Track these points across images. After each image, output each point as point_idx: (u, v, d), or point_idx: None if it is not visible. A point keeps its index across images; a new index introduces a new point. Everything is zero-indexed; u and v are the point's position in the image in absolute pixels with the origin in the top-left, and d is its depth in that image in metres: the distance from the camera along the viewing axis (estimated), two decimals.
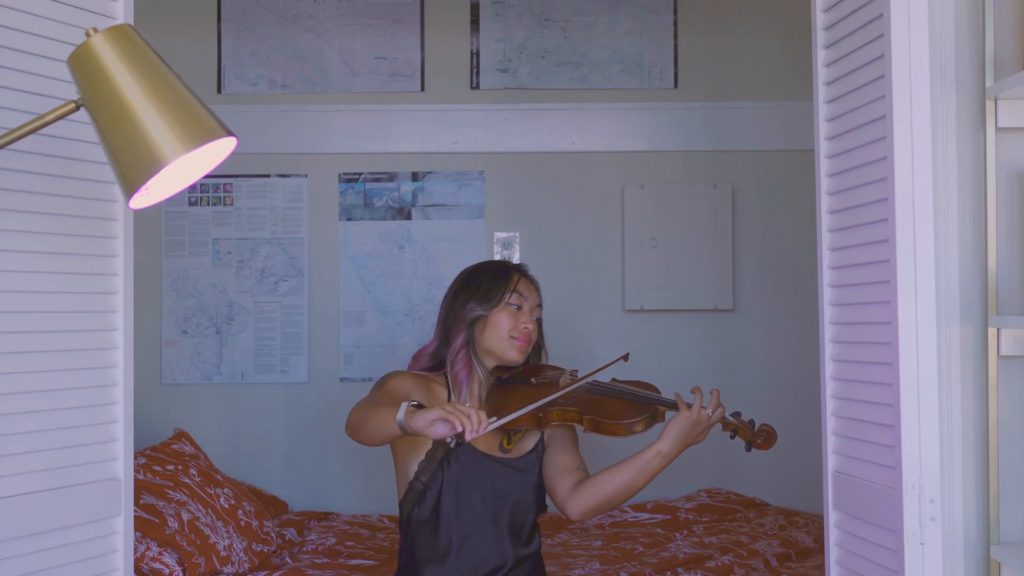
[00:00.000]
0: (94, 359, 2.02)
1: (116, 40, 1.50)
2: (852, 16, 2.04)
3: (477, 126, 4.01)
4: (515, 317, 2.50)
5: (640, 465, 2.38)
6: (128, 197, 1.50)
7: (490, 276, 2.56)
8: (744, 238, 4.01)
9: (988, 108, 2.01)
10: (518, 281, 2.54)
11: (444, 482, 2.42)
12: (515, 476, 2.47)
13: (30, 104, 1.88)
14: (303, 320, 3.97)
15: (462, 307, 2.52)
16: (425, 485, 2.43)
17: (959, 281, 2.02)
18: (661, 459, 2.37)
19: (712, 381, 3.95)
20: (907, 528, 1.86)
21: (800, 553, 3.18)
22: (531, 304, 2.53)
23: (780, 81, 3.99)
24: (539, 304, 2.57)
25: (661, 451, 2.37)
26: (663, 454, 2.37)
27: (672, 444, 2.36)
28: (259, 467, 3.89)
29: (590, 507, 2.42)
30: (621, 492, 2.40)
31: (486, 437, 2.43)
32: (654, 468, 2.38)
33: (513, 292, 2.52)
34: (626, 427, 2.37)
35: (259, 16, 4.01)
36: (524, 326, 2.50)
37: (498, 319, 2.50)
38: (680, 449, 2.37)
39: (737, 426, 2.44)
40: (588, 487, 2.43)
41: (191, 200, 3.98)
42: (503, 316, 2.50)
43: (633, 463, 2.39)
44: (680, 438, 2.36)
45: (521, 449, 2.51)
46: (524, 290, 2.54)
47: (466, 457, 2.43)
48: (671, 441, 2.36)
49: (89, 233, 2.01)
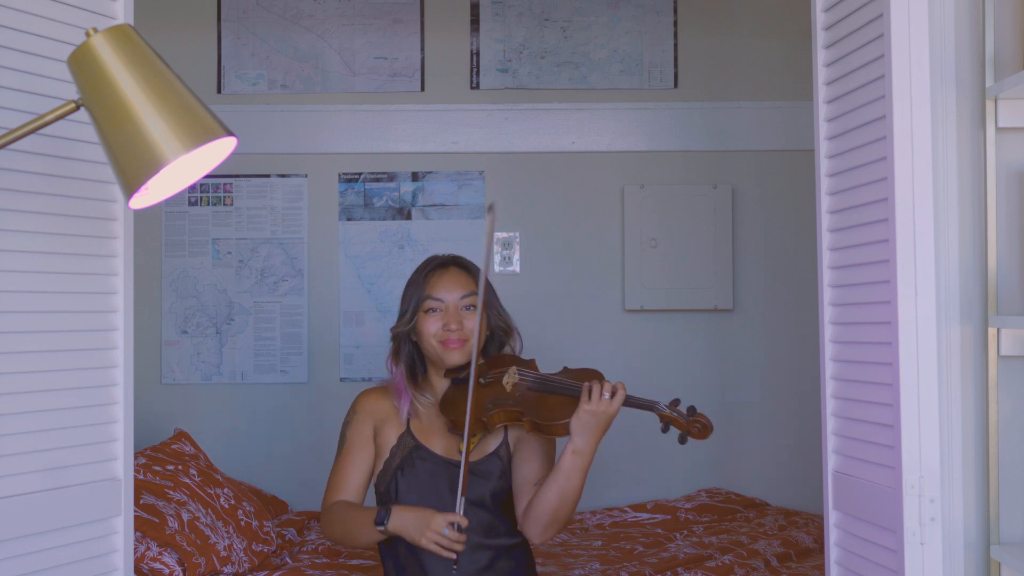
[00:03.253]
0: (94, 359, 2.02)
1: (116, 40, 1.50)
2: (852, 16, 2.04)
3: (477, 126, 4.01)
4: (438, 320, 2.41)
5: (564, 470, 2.27)
6: (128, 197, 1.50)
7: (409, 285, 2.48)
8: (744, 238, 4.01)
9: (988, 108, 2.01)
10: (430, 281, 2.43)
11: (400, 490, 2.38)
12: (474, 480, 2.36)
13: (30, 104, 1.88)
14: (303, 320, 3.97)
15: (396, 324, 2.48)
16: (383, 495, 2.40)
17: (959, 281, 2.02)
18: (580, 457, 2.26)
19: (712, 381, 3.97)
20: (907, 528, 1.86)
21: (800, 553, 3.18)
22: (454, 300, 2.42)
23: (780, 81, 3.99)
24: (470, 293, 2.42)
25: (575, 449, 2.26)
26: (578, 452, 2.25)
27: (583, 440, 2.25)
28: (259, 467, 3.89)
29: (542, 526, 2.33)
30: (562, 502, 2.29)
31: (444, 440, 2.41)
32: (578, 468, 2.27)
33: (426, 297, 2.42)
34: (563, 427, 2.28)
35: (259, 16, 4.01)
36: (448, 326, 2.40)
37: (421, 328, 2.42)
38: (594, 442, 2.26)
39: (671, 418, 2.28)
40: (532, 508, 2.33)
41: (191, 200, 3.98)
42: (424, 323, 2.41)
43: (557, 470, 2.29)
44: (587, 431, 2.24)
45: (482, 451, 2.41)
46: (440, 288, 2.42)
47: (422, 464, 2.38)
48: (579, 437, 2.25)
49: (89, 233, 2.01)
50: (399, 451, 2.42)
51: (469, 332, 2.40)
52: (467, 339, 2.41)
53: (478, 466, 2.39)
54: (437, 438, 2.43)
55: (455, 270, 2.46)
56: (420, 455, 2.39)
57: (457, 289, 2.43)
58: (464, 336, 2.40)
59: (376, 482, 2.44)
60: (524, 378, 2.38)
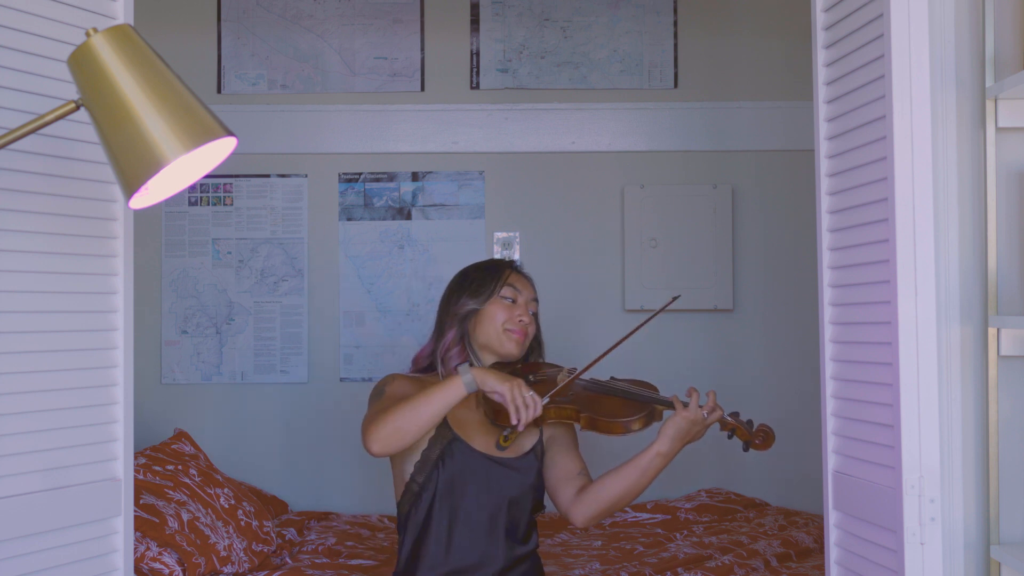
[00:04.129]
0: (94, 359, 2.02)
1: (116, 40, 1.50)
2: (852, 16, 2.04)
3: (477, 126, 4.01)
4: (509, 309, 2.52)
5: (641, 467, 2.39)
6: (128, 197, 1.50)
7: (482, 272, 2.58)
8: (744, 238, 4.02)
9: (988, 108, 2.01)
10: (510, 275, 2.57)
11: (440, 482, 2.41)
12: (512, 476, 2.44)
13: (30, 104, 1.88)
14: (303, 320, 3.97)
15: (455, 304, 2.55)
16: (421, 486, 2.42)
17: (959, 281, 2.03)
18: (661, 459, 2.39)
19: (712, 381, 3.96)
20: (907, 528, 1.86)
21: (800, 553, 3.18)
22: (526, 298, 2.56)
23: (780, 81, 3.99)
24: (535, 299, 2.59)
25: (660, 451, 2.38)
26: (662, 454, 2.38)
27: (670, 444, 2.38)
28: (259, 467, 3.89)
29: (594, 513, 2.44)
30: (625, 496, 2.41)
31: (483, 436, 2.45)
32: (655, 469, 2.40)
33: (505, 285, 2.54)
34: (623, 425, 2.38)
35: (259, 16, 4.01)
36: (519, 318, 2.51)
37: (492, 312, 2.52)
38: (678, 448, 2.39)
39: (735, 426, 2.45)
40: (591, 494, 2.43)
41: (191, 200, 3.98)
42: (496, 308, 2.52)
43: (634, 466, 2.41)
44: (678, 437, 2.38)
45: (519, 448, 2.48)
46: (518, 284, 2.56)
47: (462, 456, 2.41)
48: (669, 441, 2.37)
49: (89, 233, 2.01)
50: (437, 442, 2.42)
51: (531, 331, 2.55)
52: (528, 335, 2.54)
53: (516, 463, 2.46)
54: (474, 431, 2.46)
55: (527, 277, 2.62)
56: (459, 448, 2.42)
57: (530, 290, 2.59)
58: (528, 332, 2.53)
59: (415, 473, 2.43)
60: (579, 379, 2.50)
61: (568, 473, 2.49)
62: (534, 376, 2.50)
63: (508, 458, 2.45)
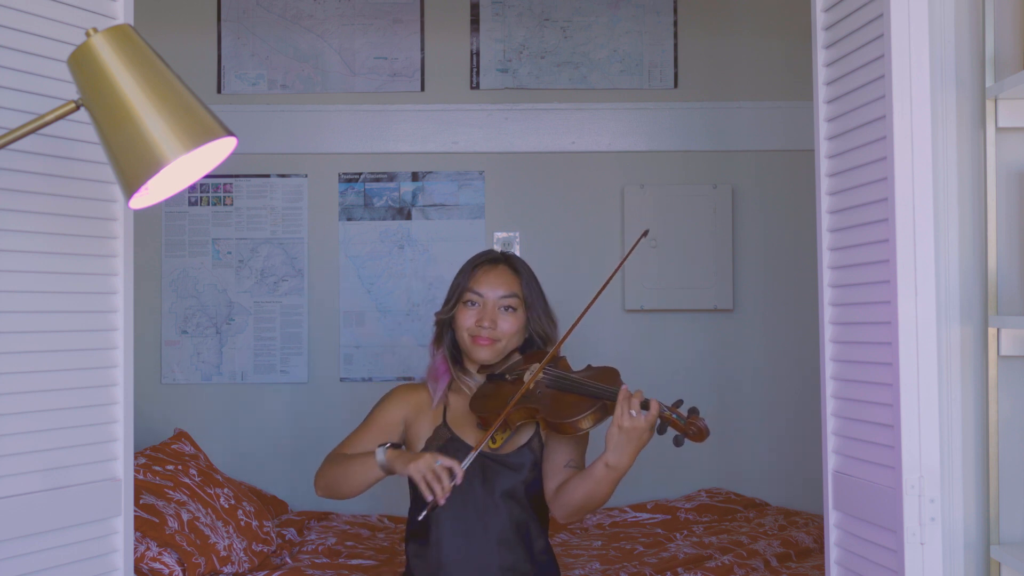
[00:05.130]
0: (94, 359, 2.02)
1: (116, 40, 1.50)
2: (852, 16, 2.04)
3: (477, 126, 4.01)
4: (474, 315, 2.41)
5: (595, 478, 2.24)
6: (128, 197, 1.50)
7: (457, 274, 2.48)
8: (744, 238, 4.01)
9: (988, 108, 2.01)
10: (474, 275, 2.43)
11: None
12: (506, 472, 2.38)
13: (30, 104, 1.88)
14: (303, 320, 3.97)
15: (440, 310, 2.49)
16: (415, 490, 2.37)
17: (959, 281, 2.02)
18: (612, 471, 2.21)
19: (712, 381, 3.97)
20: (907, 528, 1.86)
21: (800, 553, 3.18)
22: (494, 298, 2.41)
23: (780, 81, 3.99)
24: (510, 295, 2.43)
25: (608, 463, 2.20)
26: (611, 466, 2.20)
27: (616, 456, 2.19)
28: (259, 467, 3.89)
29: (566, 514, 2.34)
30: (587, 502, 2.28)
31: (477, 434, 2.40)
32: (608, 480, 2.23)
33: (467, 290, 2.42)
34: (571, 425, 2.25)
35: (259, 16, 4.01)
36: (481, 324, 2.40)
37: (459, 319, 2.43)
38: (629, 458, 2.19)
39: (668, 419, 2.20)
40: (562, 495, 2.33)
41: (191, 200, 3.98)
42: (462, 316, 2.42)
43: (589, 476, 2.26)
44: (619, 448, 2.18)
45: (513, 443, 2.42)
46: (484, 283, 2.42)
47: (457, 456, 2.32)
48: (613, 453, 2.19)
49: (89, 233, 2.01)
50: (434, 442, 2.40)
51: (502, 333, 2.40)
52: (498, 340, 2.41)
53: (509, 459, 2.39)
54: (470, 430, 2.43)
55: (504, 268, 2.45)
56: (456, 447, 2.36)
57: (500, 287, 2.42)
58: (496, 336, 2.40)
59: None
60: (545, 375, 2.36)
61: (554, 466, 2.39)
62: (510, 375, 2.40)
63: (502, 454, 2.40)
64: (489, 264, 2.46)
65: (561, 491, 2.34)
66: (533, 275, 2.51)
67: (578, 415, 2.25)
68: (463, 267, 2.50)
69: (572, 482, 2.31)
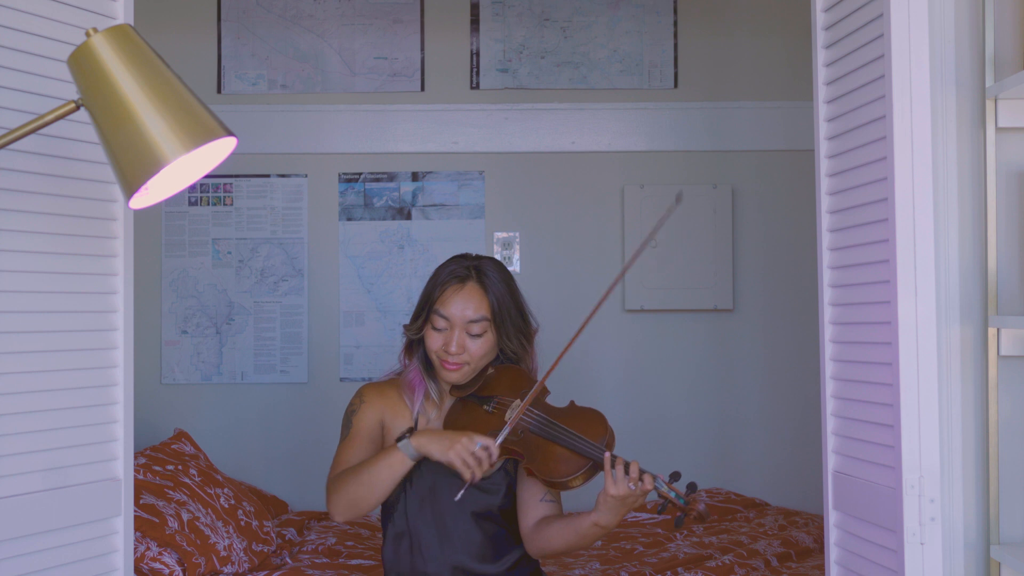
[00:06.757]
0: (94, 359, 2.02)
1: (116, 40, 1.50)
2: (852, 16, 2.04)
3: (477, 126, 4.01)
4: (441, 338, 2.30)
5: (580, 533, 2.20)
6: (128, 197, 1.50)
7: (426, 285, 2.37)
8: (744, 238, 4.02)
9: (988, 108, 2.01)
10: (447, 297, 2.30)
11: (409, 494, 2.31)
12: (478, 496, 2.31)
13: (30, 104, 1.87)
14: (303, 320, 3.97)
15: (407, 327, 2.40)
16: (391, 504, 2.34)
17: (959, 281, 2.02)
18: (599, 530, 2.18)
19: (712, 381, 3.97)
20: (907, 528, 1.86)
21: (800, 553, 3.18)
22: (462, 323, 2.29)
23: (780, 81, 3.99)
24: (480, 318, 2.29)
25: (598, 523, 2.17)
26: (599, 525, 2.17)
27: (609, 518, 2.16)
28: (259, 467, 3.89)
29: (543, 555, 2.31)
30: (569, 551, 2.27)
31: None
32: (593, 537, 2.21)
33: (433, 312, 2.30)
34: (563, 484, 2.21)
35: (259, 16, 4.01)
36: (447, 348, 2.28)
37: (427, 341, 2.33)
38: (617, 519, 2.17)
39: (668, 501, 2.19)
40: (539, 539, 2.28)
41: (191, 200, 3.98)
42: (429, 338, 2.32)
43: (573, 529, 2.22)
44: (612, 511, 2.15)
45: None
46: (450, 304, 2.29)
47: (428, 469, 2.29)
48: (607, 516, 2.16)
49: (89, 233, 2.01)
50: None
51: (471, 357, 2.30)
52: (467, 363, 2.31)
53: (484, 482, 2.31)
54: None
55: (472, 287, 2.31)
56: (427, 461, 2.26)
57: (468, 309, 2.29)
58: (465, 360, 2.30)
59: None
60: (529, 416, 2.27)
61: (530, 498, 2.32)
62: (489, 405, 2.31)
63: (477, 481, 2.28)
64: (457, 283, 2.32)
65: (541, 534, 2.28)
66: (507, 285, 2.36)
67: (569, 475, 2.20)
68: (434, 275, 2.37)
69: (554, 528, 2.26)
